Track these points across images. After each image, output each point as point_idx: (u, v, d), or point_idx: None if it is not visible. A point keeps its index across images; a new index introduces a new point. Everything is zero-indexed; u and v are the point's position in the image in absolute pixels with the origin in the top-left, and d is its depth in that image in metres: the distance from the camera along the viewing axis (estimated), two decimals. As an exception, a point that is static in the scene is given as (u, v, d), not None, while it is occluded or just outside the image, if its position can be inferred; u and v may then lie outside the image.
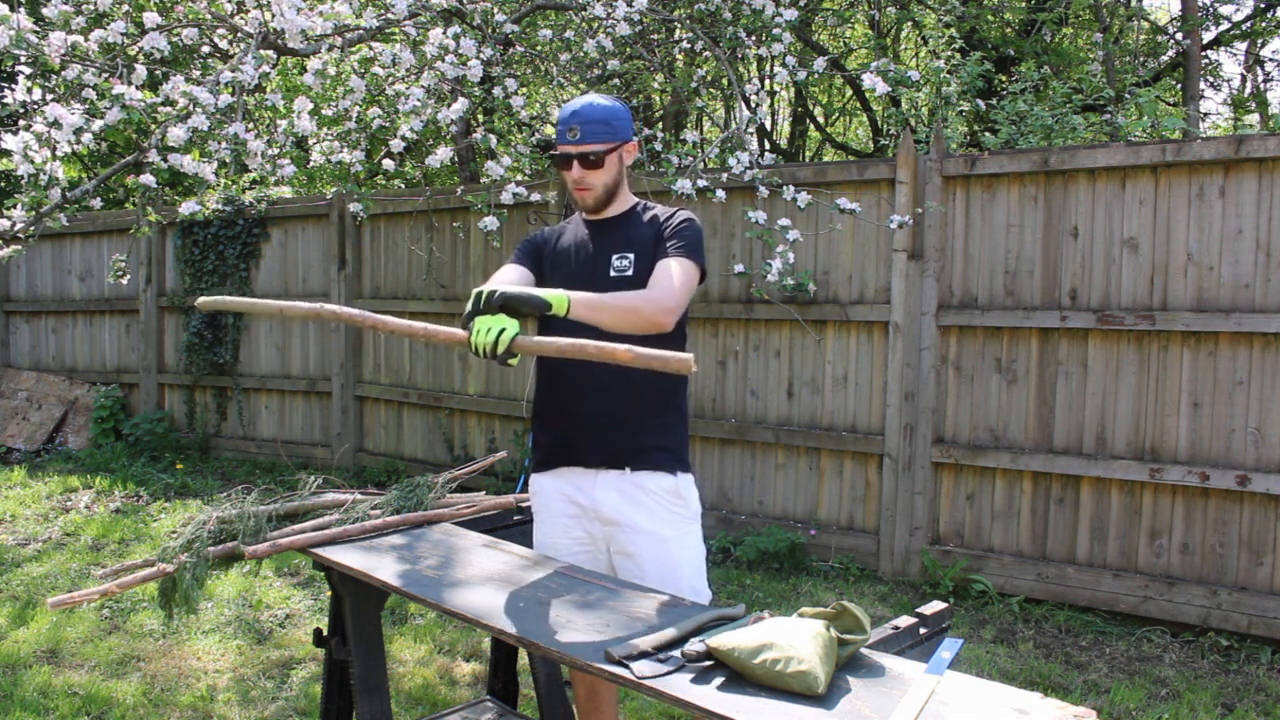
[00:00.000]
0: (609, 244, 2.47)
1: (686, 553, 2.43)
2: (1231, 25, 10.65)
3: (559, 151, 2.44)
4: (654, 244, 2.43)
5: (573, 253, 2.51)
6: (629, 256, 2.43)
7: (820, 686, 1.51)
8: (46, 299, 9.01)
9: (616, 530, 2.43)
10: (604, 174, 2.44)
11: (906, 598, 4.75)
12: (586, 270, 2.46)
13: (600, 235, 2.50)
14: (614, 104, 2.44)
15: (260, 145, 3.80)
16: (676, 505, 2.43)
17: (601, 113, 2.40)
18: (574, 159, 2.40)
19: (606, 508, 2.43)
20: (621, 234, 2.48)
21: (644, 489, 2.41)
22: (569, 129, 2.39)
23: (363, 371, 7.34)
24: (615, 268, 2.43)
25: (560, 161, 2.45)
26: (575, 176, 2.42)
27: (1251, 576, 4.17)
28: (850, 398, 5.18)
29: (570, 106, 2.42)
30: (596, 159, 2.40)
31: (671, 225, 2.43)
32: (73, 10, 3.86)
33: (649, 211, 2.52)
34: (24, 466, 7.52)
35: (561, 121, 2.41)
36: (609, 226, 2.51)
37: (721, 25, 4.88)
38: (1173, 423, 4.33)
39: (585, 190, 2.45)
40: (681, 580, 2.38)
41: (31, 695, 3.60)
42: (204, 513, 2.47)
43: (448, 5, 4.51)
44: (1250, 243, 4.15)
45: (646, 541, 2.39)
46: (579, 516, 2.48)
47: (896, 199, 4.92)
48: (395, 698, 3.50)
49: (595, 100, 2.43)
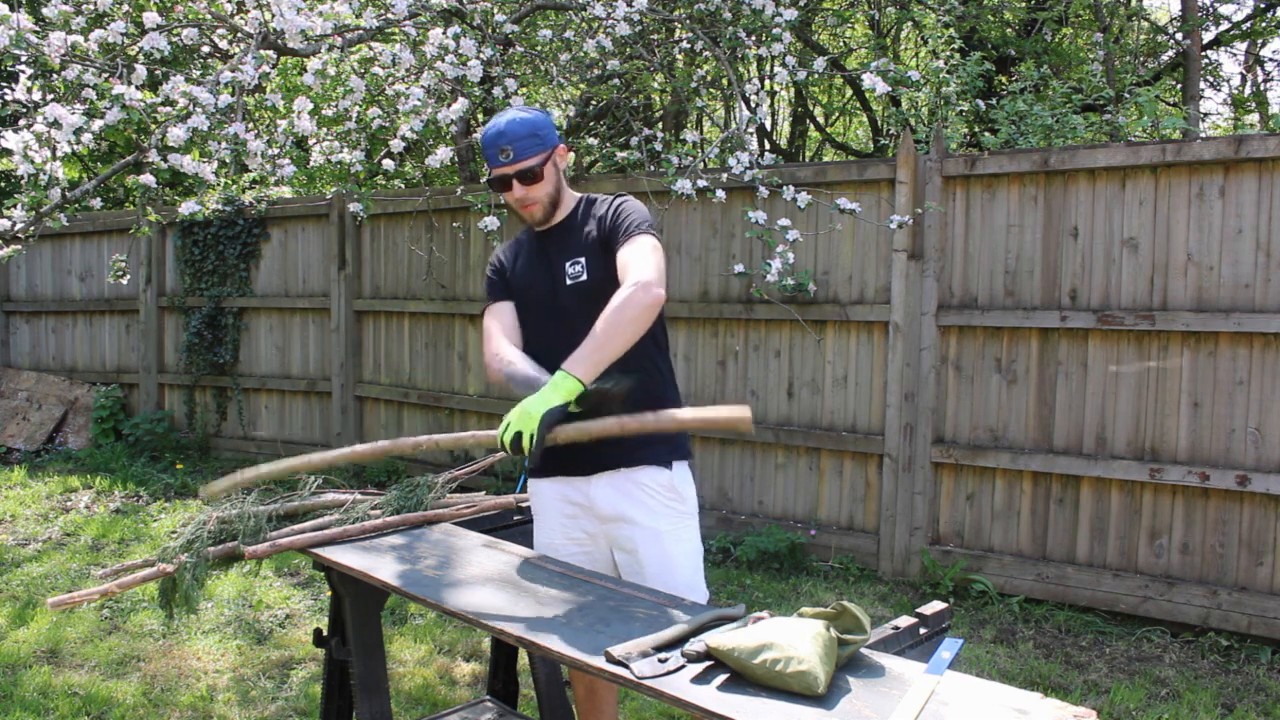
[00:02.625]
0: (559, 252, 2.46)
1: (683, 547, 2.43)
2: (1231, 25, 10.65)
3: (495, 175, 2.40)
4: (601, 240, 2.40)
5: (529, 272, 2.51)
6: (580, 261, 2.41)
7: (820, 686, 1.51)
8: (46, 299, 9.01)
9: (614, 527, 2.43)
10: (544, 185, 2.41)
11: (906, 598, 4.75)
12: (545, 286, 2.45)
13: (550, 245, 2.48)
14: (534, 114, 2.41)
15: (260, 145, 3.80)
16: (672, 500, 2.42)
17: (526, 126, 2.36)
18: (512, 179, 2.37)
19: (603, 505, 2.43)
20: (568, 239, 2.46)
21: (640, 484, 2.40)
22: (499, 150, 2.35)
23: (363, 372, 7.33)
24: (569, 275, 2.41)
25: (498, 185, 2.41)
26: (518, 196, 2.40)
27: (1251, 576, 4.17)
28: (850, 398, 5.18)
29: (493, 128, 2.38)
30: (535, 173, 2.38)
31: (613, 216, 2.40)
32: (73, 10, 3.87)
33: (591, 207, 2.49)
34: (24, 466, 7.52)
35: (488, 145, 2.37)
36: (557, 234, 2.49)
37: (721, 25, 4.88)
38: (1173, 423, 4.33)
39: (531, 206, 2.43)
40: (678, 576, 2.38)
41: (31, 695, 3.60)
42: (204, 513, 2.47)
43: (448, 5, 4.51)
44: (1250, 243, 4.15)
45: (643, 537, 2.39)
46: (576, 516, 2.48)
47: (896, 199, 4.92)
48: (395, 698, 3.50)
49: (515, 115, 2.39)
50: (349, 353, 7.30)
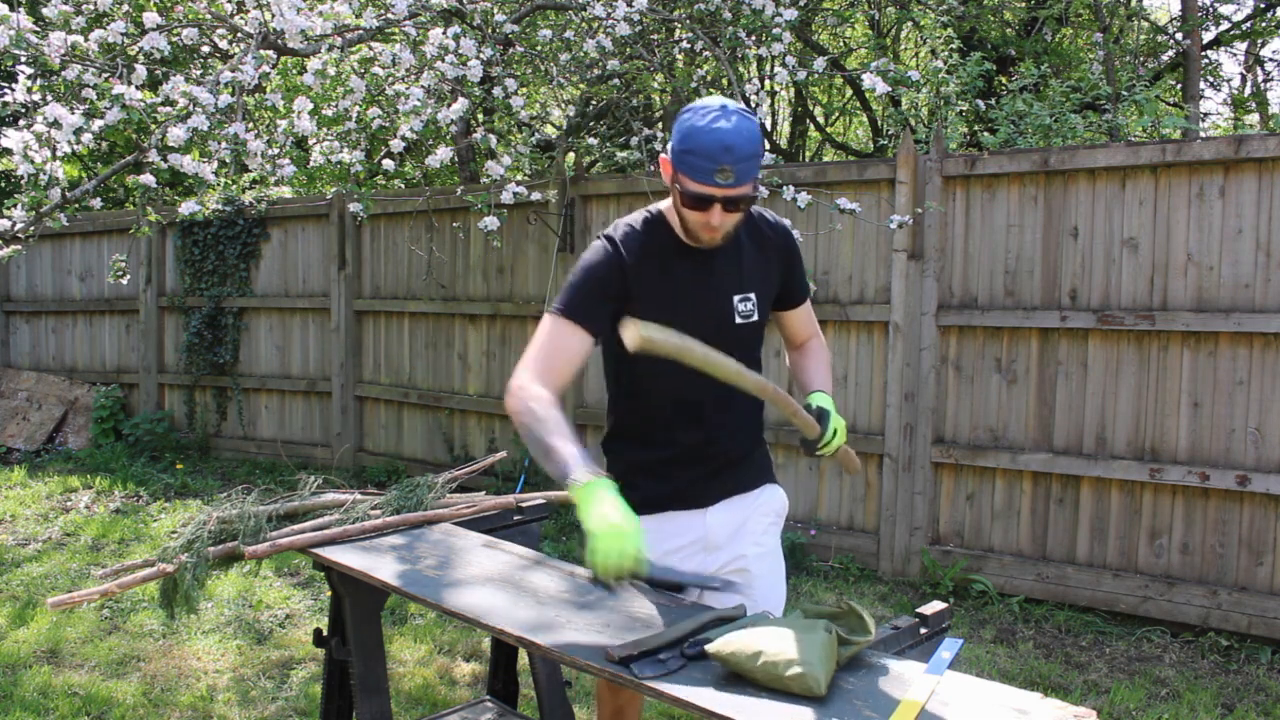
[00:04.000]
0: (727, 281, 2.08)
1: (782, 563, 2.33)
2: (1231, 25, 10.65)
3: (699, 191, 1.89)
4: (770, 272, 2.13)
5: (682, 292, 2.05)
6: (751, 298, 2.09)
7: (820, 689, 1.51)
8: (46, 299, 9.01)
9: (726, 553, 2.23)
10: (745, 213, 1.99)
11: (906, 598, 4.75)
12: (711, 319, 2.04)
13: (713, 268, 2.07)
14: (754, 122, 1.93)
15: (260, 145, 3.80)
16: (778, 521, 2.32)
17: (753, 143, 1.89)
18: (717, 201, 1.90)
19: (717, 533, 2.21)
20: (736, 265, 2.09)
21: (757, 507, 2.26)
22: (719, 169, 1.85)
23: (363, 371, 7.33)
24: (740, 313, 2.08)
25: (694, 201, 1.92)
26: (715, 222, 1.93)
27: (1251, 576, 4.17)
28: (850, 398, 5.18)
29: (716, 134, 1.86)
30: (749, 201, 1.95)
31: (794, 256, 2.18)
32: (73, 10, 3.87)
33: (757, 228, 2.15)
34: (24, 466, 7.52)
35: (703, 154, 1.86)
36: (722, 256, 2.07)
37: (721, 25, 4.88)
38: (1173, 423, 4.33)
39: (715, 232, 1.97)
40: (779, 590, 2.26)
41: (31, 695, 3.60)
42: (204, 513, 2.47)
43: (448, 5, 4.51)
44: (1250, 243, 4.15)
45: (758, 556, 2.23)
46: (686, 549, 2.21)
47: (896, 199, 4.92)
48: (395, 698, 3.50)
49: (742, 125, 1.89)
50: (349, 353, 7.30)
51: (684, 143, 1.90)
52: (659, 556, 2.00)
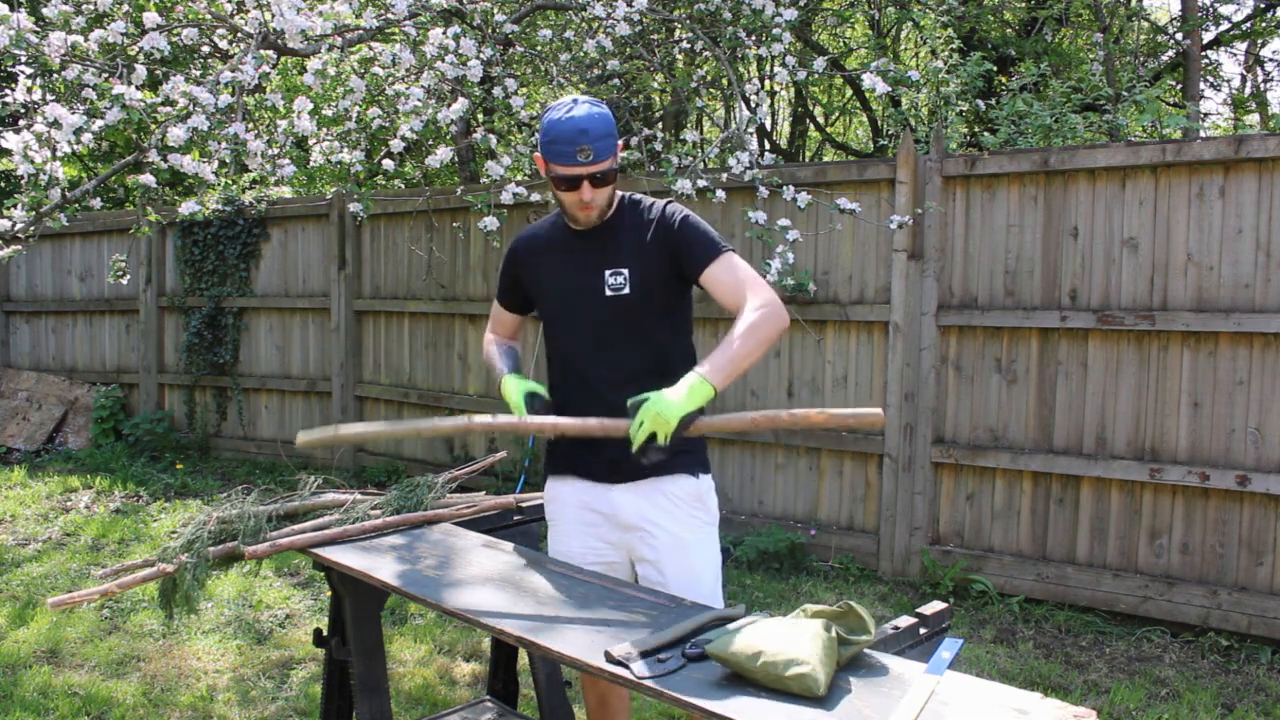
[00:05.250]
0: (599, 258, 2.30)
1: (706, 556, 2.37)
2: (1231, 25, 10.65)
3: (566, 173, 2.17)
4: (648, 249, 2.26)
5: (560, 271, 2.34)
6: (623, 273, 2.27)
7: (820, 689, 1.51)
8: (46, 299, 9.01)
9: (636, 535, 2.35)
10: (611, 187, 2.25)
11: (906, 598, 4.75)
12: (581, 293, 2.30)
13: (588, 247, 2.31)
14: (604, 109, 2.20)
15: (260, 145, 3.80)
16: (697, 510, 2.37)
17: (605, 124, 2.16)
18: (584, 180, 2.17)
19: (627, 513, 2.35)
20: (610, 244, 2.30)
21: (667, 494, 2.33)
22: (579, 150, 2.12)
23: (363, 372, 7.33)
24: (610, 286, 2.28)
25: (566, 184, 2.19)
26: (586, 198, 2.20)
27: (1251, 576, 4.17)
28: (850, 398, 5.18)
29: (572, 122, 2.13)
30: (610, 176, 2.20)
31: (678, 231, 2.26)
32: (73, 10, 3.87)
33: (636, 210, 2.34)
34: (24, 466, 7.52)
35: (564, 141, 2.14)
36: (597, 236, 2.30)
37: (721, 25, 4.88)
38: (1173, 423, 4.33)
39: (591, 209, 2.24)
40: (701, 587, 2.30)
41: (31, 695, 3.60)
42: (204, 513, 2.47)
43: (448, 5, 4.51)
44: (1250, 243, 4.15)
45: (668, 546, 2.32)
46: (596, 524, 2.40)
47: (896, 199, 4.92)
48: (395, 698, 3.50)
49: (592, 110, 2.16)
50: (349, 353, 7.30)
51: (547, 135, 2.19)
52: (574, 512, 2.42)
